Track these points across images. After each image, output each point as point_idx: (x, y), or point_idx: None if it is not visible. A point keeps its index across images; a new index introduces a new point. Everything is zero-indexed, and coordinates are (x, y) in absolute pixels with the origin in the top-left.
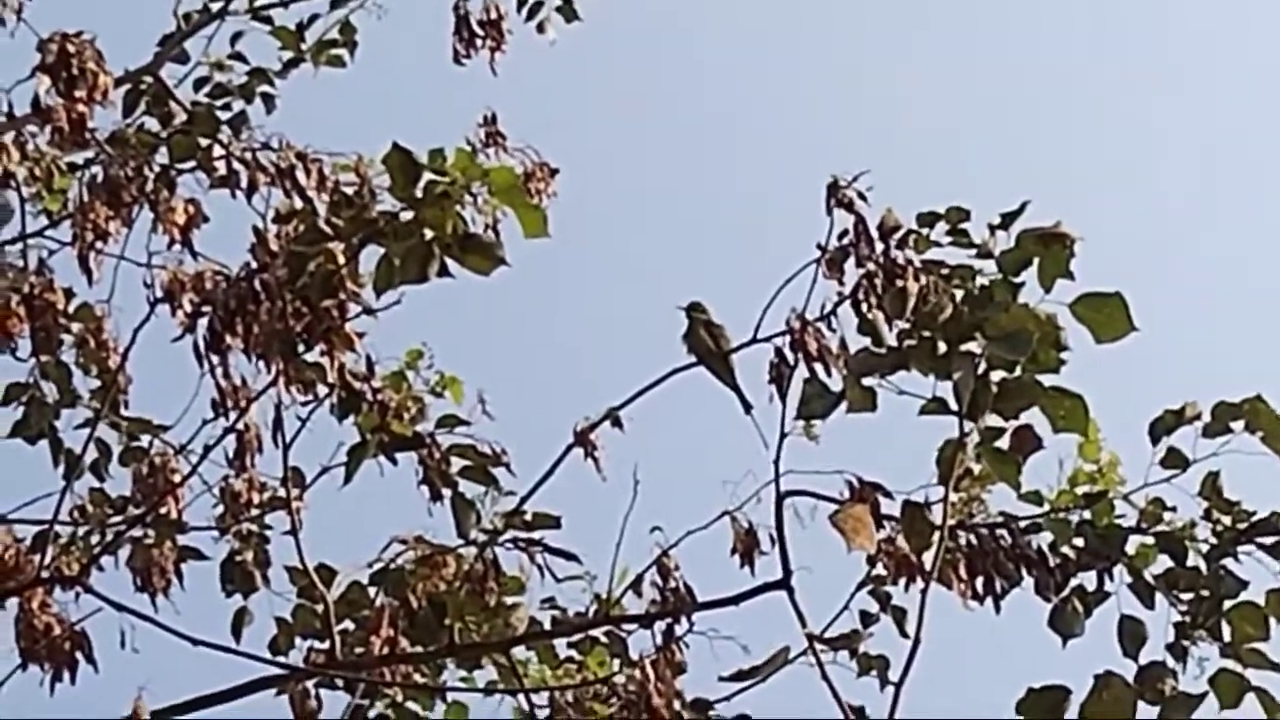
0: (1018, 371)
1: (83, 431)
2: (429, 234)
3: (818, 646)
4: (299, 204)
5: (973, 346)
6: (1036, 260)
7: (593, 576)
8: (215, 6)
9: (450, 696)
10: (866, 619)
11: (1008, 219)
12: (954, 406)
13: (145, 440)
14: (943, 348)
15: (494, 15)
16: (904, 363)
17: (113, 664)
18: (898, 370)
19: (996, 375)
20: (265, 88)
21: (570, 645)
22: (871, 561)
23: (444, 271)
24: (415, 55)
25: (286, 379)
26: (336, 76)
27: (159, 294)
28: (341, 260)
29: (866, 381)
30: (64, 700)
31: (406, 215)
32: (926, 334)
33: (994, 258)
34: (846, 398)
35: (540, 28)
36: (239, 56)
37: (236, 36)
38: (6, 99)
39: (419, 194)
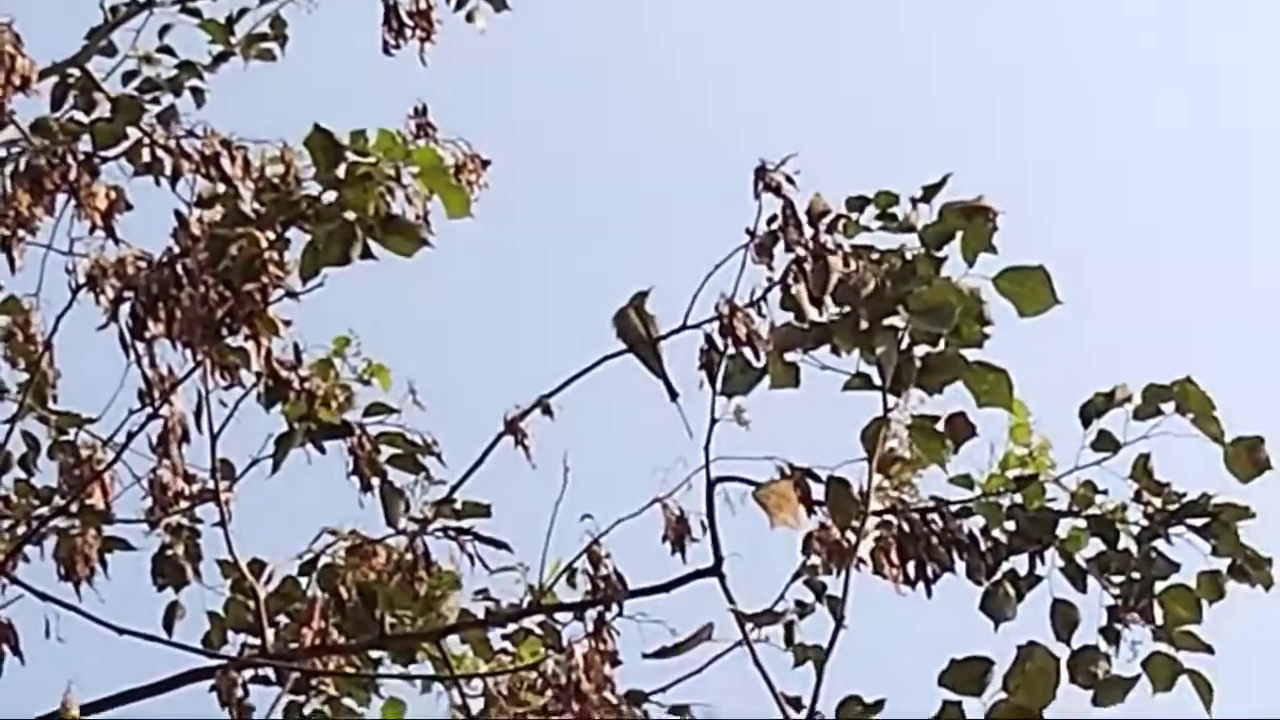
0: (941, 346)
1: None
2: (351, 216)
3: (748, 628)
4: (223, 190)
5: (895, 321)
6: (959, 234)
7: (525, 567)
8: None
9: (386, 694)
10: (802, 609)
11: (929, 192)
12: (878, 382)
13: (73, 434)
14: (865, 323)
15: (423, 5)
16: (826, 337)
17: (39, 657)
18: (820, 345)
19: (920, 350)
20: (194, 81)
21: (504, 637)
22: (805, 550)
23: (367, 253)
24: (346, 47)
25: (211, 364)
26: (266, 70)
27: (81, 281)
28: (264, 244)
29: (789, 357)
30: None
31: (329, 197)
32: (849, 309)
33: (916, 231)
34: (769, 374)
35: (469, 17)
36: (168, 50)
37: (165, 29)
38: None
39: (341, 175)
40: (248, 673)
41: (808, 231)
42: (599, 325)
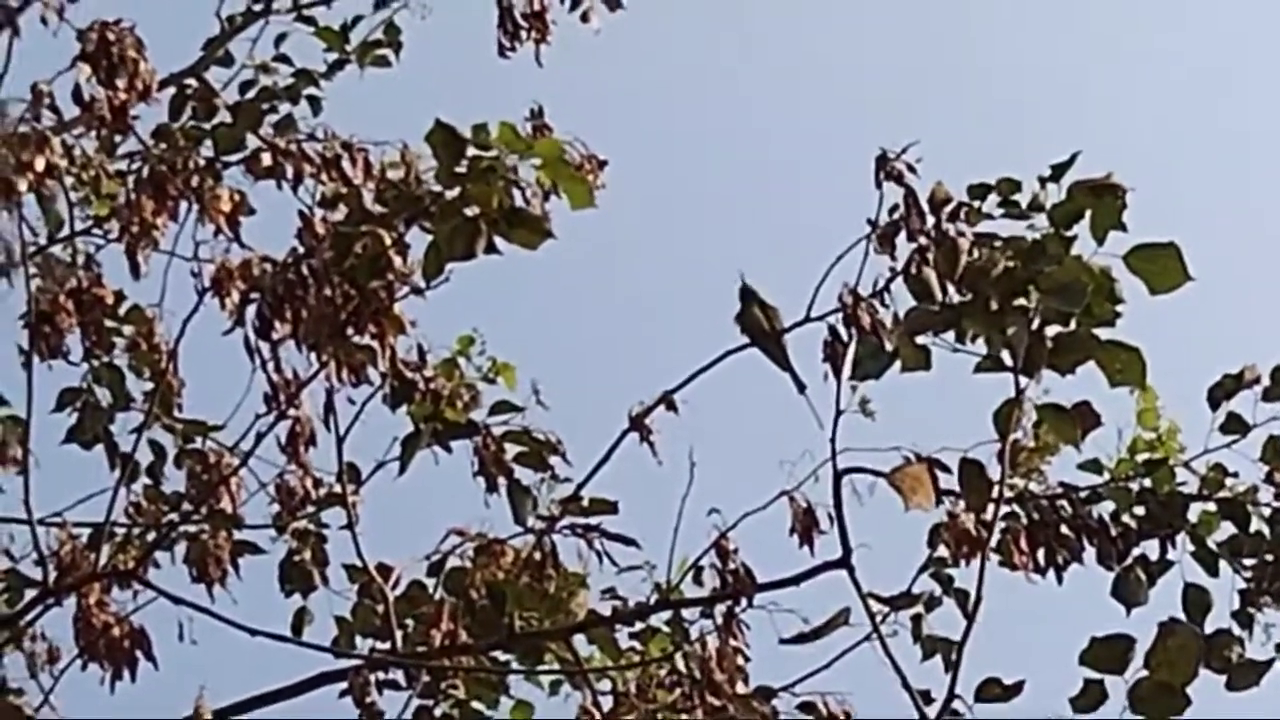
0: (1073, 326)
1: (137, 436)
2: (475, 211)
3: (879, 614)
4: (345, 190)
5: (1026, 302)
6: (1088, 213)
7: (652, 566)
8: (258, 7)
9: (515, 696)
10: (930, 603)
11: (1058, 171)
12: (1009, 363)
13: (200, 442)
14: (996, 305)
15: (537, 6)
16: (956, 320)
17: (172, 662)
18: (950, 328)
19: (1051, 330)
20: (311, 89)
21: (632, 636)
22: (932, 542)
23: (491, 248)
24: (461, 51)
25: (337, 364)
26: (382, 76)
27: (206, 285)
28: (388, 241)
29: (919, 341)
30: (124, 699)
31: (452, 193)
32: (978, 291)
33: (1045, 211)
34: (900, 357)
35: (584, 17)
36: (284, 58)
37: (281, 38)
38: (49, 93)
39: (464, 170)
40: (376, 676)
41: (930, 220)
42: (723, 320)
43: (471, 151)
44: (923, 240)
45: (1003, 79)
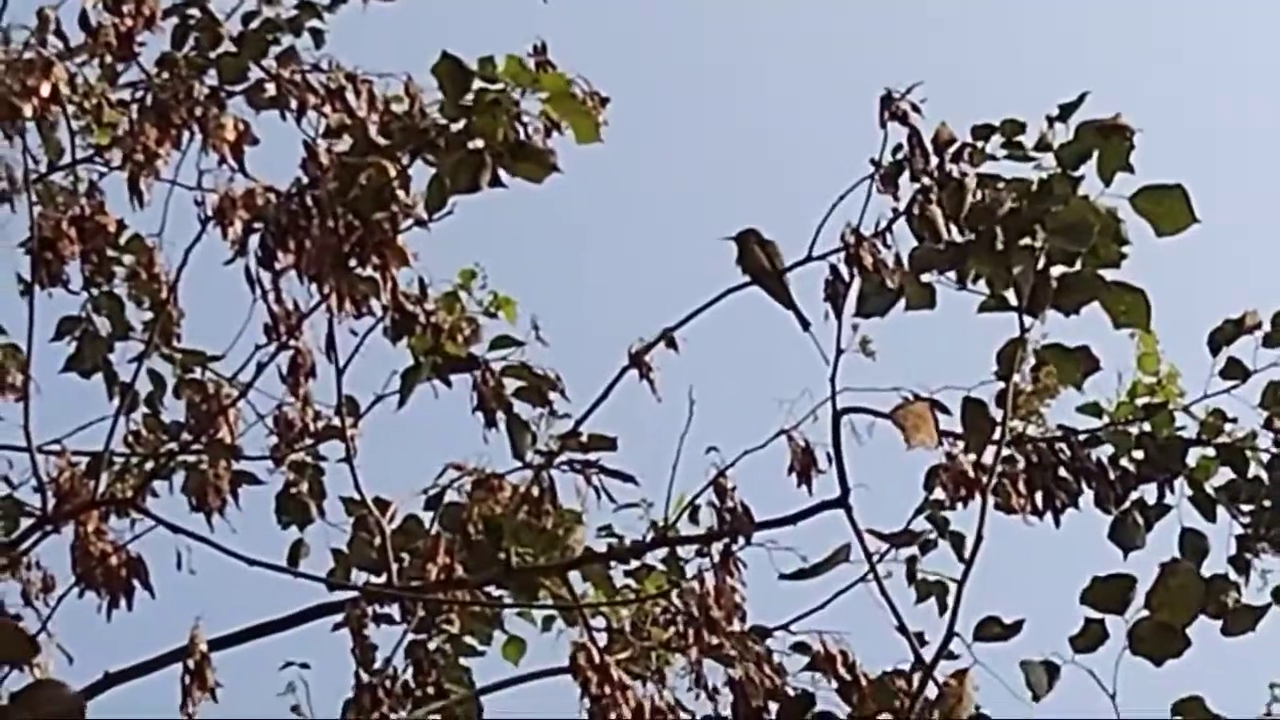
0: (1078, 267)
1: (136, 365)
2: (480, 144)
3: (876, 553)
4: (350, 121)
5: (1032, 241)
6: (1096, 153)
7: (649, 504)
8: None
9: (509, 632)
10: (925, 545)
11: (1066, 110)
12: (1014, 302)
13: (199, 373)
14: (1002, 244)
15: None
16: (962, 258)
17: (168, 590)
18: (955, 267)
19: (1056, 271)
20: (314, 22)
21: (627, 574)
22: (929, 484)
23: (496, 181)
24: None
25: (339, 295)
26: (385, 10)
27: (209, 214)
28: (393, 173)
29: (924, 279)
30: (120, 626)
31: (457, 125)
32: (984, 230)
33: (1052, 151)
34: (905, 295)
35: None
36: None
37: None
38: (55, 19)
39: (469, 102)
40: (372, 609)
41: (934, 160)
42: (724, 258)
43: (477, 84)
44: (926, 180)
45: (1007, 22)
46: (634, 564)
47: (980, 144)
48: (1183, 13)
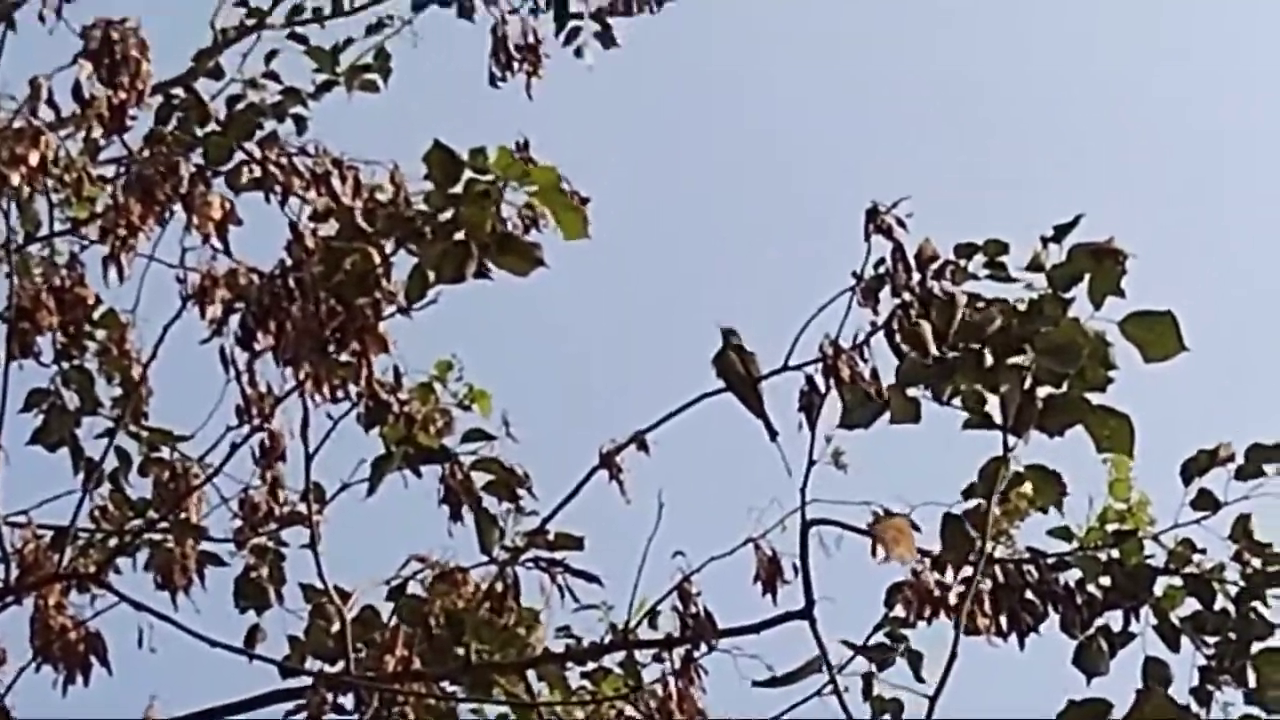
0: (1064, 389)
1: (104, 440)
2: (466, 235)
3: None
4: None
5: (1020, 360)
6: (1087, 276)
7: (609, 607)
8: (251, 23)
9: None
10: (884, 662)
11: (1060, 232)
12: (998, 421)
13: (166, 451)
14: (990, 361)
15: (532, 40)
16: (949, 374)
17: (126, 668)
18: (943, 382)
19: (1043, 392)
20: (298, 109)
21: (584, 676)
22: (890, 601)
23: (481, 272)
24: (448, 80)
25: (316, 380)
26: (370, 100)
27: (191, 291)
28: (377, 260)
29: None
30: (76, 702)
31: (446, 214)
32: (971, 347)
33: (1044, 271)
34: (890, 408)
35: (578, 53)
36: (273, 75)
37: (271, 55)
38: (47, 87)
39: (459, 192)
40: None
41: (916, 276)
42: (699, 363)
43: (467, 175)
44: (908, 296)
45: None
46: (591, 666)
47: (963, 262)
48: (1191, 12)
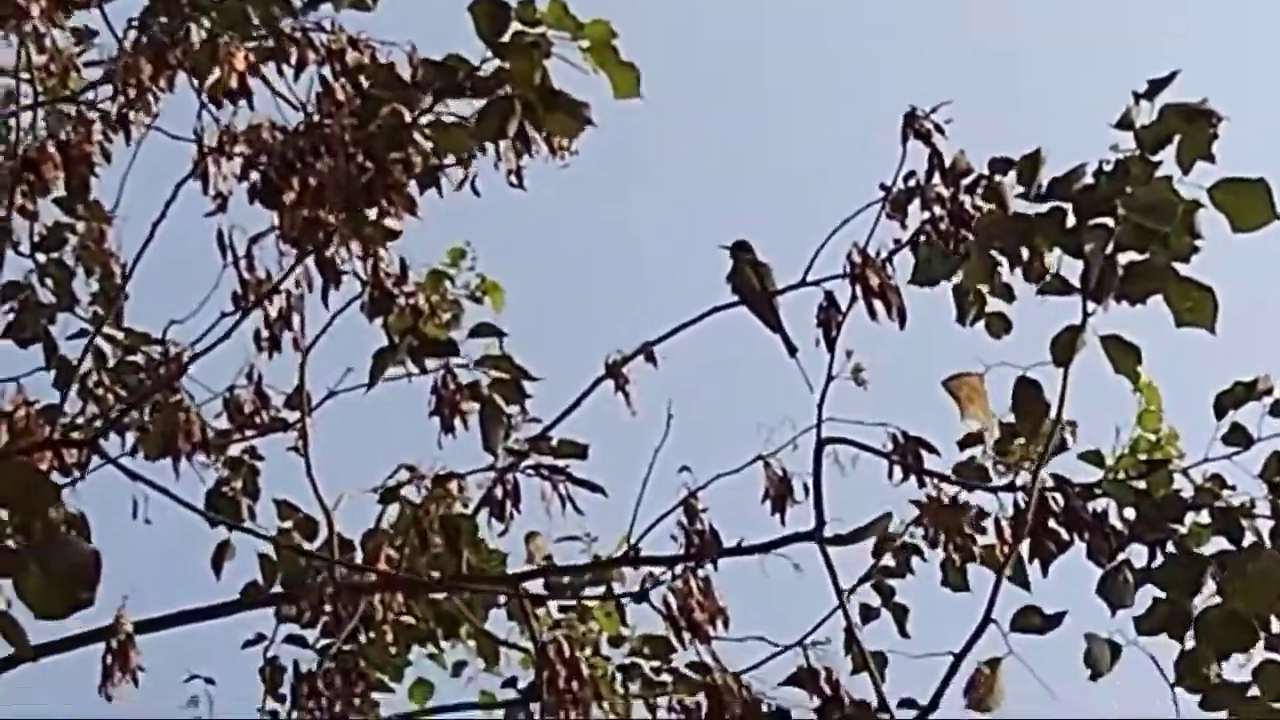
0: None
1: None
2: (510, 89)
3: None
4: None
5: (1105, 220)
6: (1176, 138)
7: (593, 538)
8: None
9: (414, 677)
10: (867, 614)
11: (1153, 88)
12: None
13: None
14: (1073, 220)
15: None
16: (1030, 232)
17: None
18: (1024, 242)
19: (1124, 258)
20: None
21: (562, 610)
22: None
23: (522, 134)
24: None
25: (343, 236)
26: None
27: (207, 149)
28: (408, 118)
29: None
30: None
31: (490, 67)
32: (1055, 205)
33: (1134, 130)
34: (963, 266)
35: None
36: None
37: None
38: None
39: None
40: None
41: (946, 190)
42: (717, 274)
43: (515, 27)
44: (937, 209)
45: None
46: (571, 600)
47: (997, 177)
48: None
